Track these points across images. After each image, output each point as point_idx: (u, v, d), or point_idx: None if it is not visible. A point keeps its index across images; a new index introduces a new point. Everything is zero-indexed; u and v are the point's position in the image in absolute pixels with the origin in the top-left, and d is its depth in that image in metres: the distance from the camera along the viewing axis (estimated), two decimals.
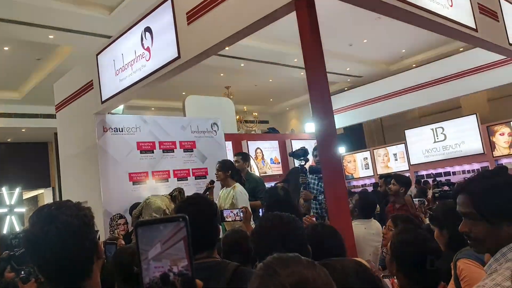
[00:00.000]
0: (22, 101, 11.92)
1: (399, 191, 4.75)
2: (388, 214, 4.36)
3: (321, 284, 0.84)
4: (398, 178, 4.98)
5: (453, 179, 10.55)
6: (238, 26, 3.46)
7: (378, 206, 4.83)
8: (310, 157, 4.60)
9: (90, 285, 1.17)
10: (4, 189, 13.42)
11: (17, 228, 13.15)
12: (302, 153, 4.43)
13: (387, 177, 6.54)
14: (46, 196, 14.99)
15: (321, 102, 2.95)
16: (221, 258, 2.43)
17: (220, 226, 4.60)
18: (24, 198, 15.20)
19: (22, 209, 14.07)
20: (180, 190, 4.87)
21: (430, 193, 6.23)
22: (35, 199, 16.36)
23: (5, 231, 13.12)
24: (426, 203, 4.82)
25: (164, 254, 0.72)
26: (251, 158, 8.96)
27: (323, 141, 2.96)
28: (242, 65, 11.60)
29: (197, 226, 0.79)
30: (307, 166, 4.52)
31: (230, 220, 3.13)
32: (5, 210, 13.34)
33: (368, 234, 3.55)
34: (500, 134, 10.58)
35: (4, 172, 13.63)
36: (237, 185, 4.63)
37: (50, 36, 8.54)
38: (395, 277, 1.86)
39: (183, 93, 11.69)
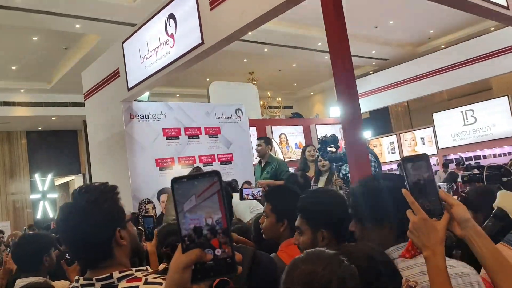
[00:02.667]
0: (51, 90, 12.23)
1: None
2: None
3: (332, 284, 0.91)
4: None
5: (483, 163, 10.28)
6: (261, 9, 3.43)
7: None
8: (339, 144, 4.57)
9: (112, 264, 1.28)
10: (37, 175, 13.92)
11: (50, 213, 13.66)
12: (331, 140, 4.40)
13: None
14: (77, 182, 15.43)
15: (346, 86, 2.92)
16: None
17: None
18: (56, 184, 15.72)
19: (55, 195, 14.60)
20: (198, 169, 4.92)
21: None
22: (66, 185, 16.88)
23: (39, 216, 13.67)
24: (455, 187, 4.73)
25: (198, 207, 0.74)
26: (275, 142, 8.97)
27: (348, 125, 2.93)
28: (265, 50, 11.54)
29: None
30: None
31: (250, 199, 3.10)
32: (38, 196, 13.87)
33: None
34: None
35: (36, 159, 14.10)
36: None
37: (76, 26, 8.69)
38: None
39: (207, 80, 11.74)
